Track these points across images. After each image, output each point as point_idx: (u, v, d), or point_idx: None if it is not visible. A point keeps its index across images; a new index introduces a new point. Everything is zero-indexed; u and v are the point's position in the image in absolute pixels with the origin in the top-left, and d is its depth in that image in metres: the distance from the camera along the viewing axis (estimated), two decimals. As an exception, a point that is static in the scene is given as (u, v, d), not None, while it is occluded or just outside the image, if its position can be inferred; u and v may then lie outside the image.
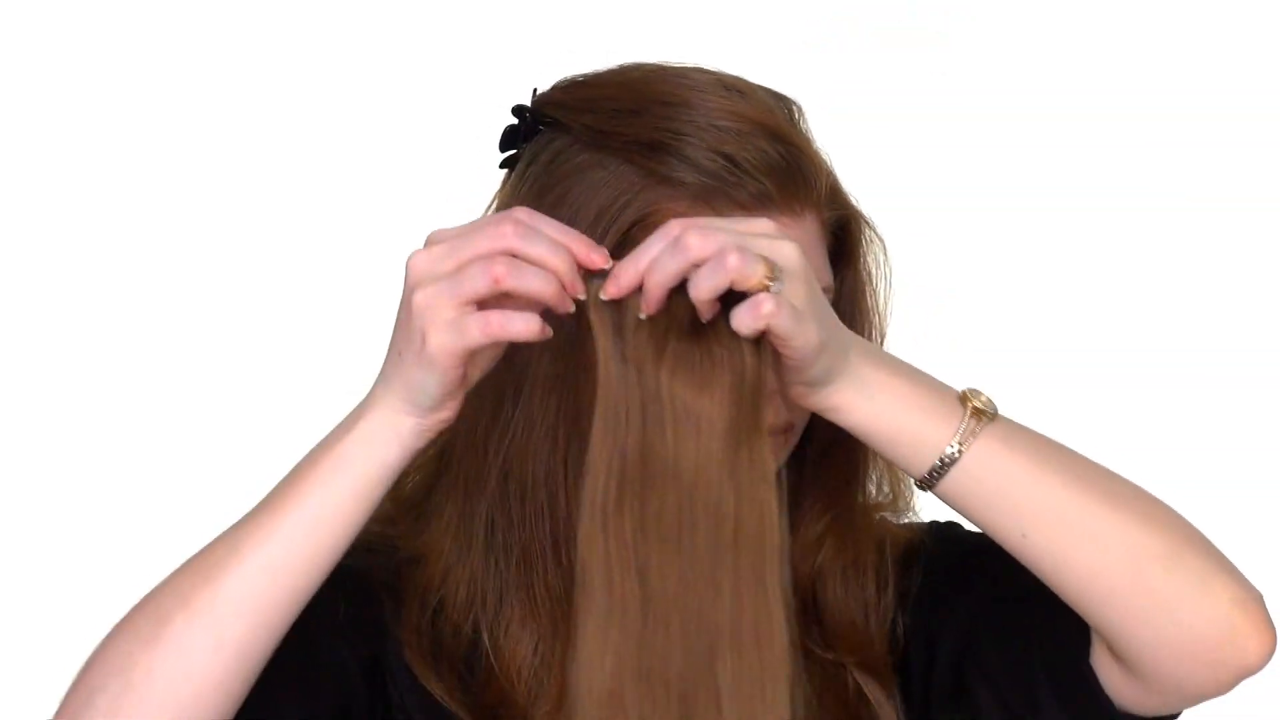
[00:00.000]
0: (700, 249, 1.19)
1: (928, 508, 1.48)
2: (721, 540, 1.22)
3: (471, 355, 1.22)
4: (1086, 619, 1.29)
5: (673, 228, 1.20)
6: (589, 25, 2.58)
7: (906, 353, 1.34)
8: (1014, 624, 1.38)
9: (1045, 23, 2.67)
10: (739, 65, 1.40)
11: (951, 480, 1.27)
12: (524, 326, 1.20)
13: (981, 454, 1.26)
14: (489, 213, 1.37)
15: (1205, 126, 2.64)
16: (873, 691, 1.42)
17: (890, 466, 1.43)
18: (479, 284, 1.19)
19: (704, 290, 1.19)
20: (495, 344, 1.22)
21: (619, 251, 1.24)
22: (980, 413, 1.26)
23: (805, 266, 1.21)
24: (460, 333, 1.20)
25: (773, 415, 1.32)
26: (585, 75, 1.38)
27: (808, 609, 1.42)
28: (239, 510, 1.42)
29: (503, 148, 1.38)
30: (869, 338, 1.40)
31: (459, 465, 1.37)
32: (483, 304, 1.21)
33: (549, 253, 1.21)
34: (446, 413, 1.25)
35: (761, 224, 1.23)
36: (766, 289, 1.19)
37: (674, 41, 2.56)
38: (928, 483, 1.27)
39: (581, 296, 1.22)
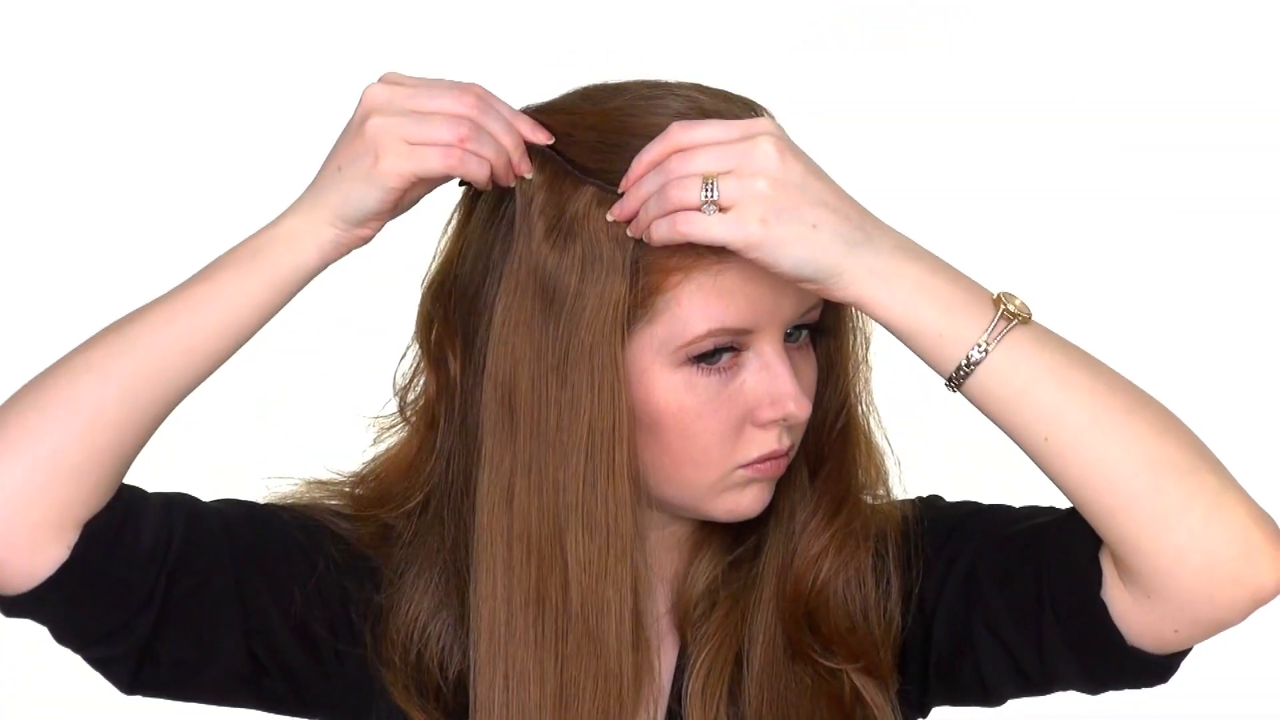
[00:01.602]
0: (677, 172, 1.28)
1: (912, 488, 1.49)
2: (576, 427, 1.32)
3: (417, 181, 1.31)
4: (1102, 532, 1.30)
5: (672, 131, 1.28)
6: (589, 25, 2.59)
7: (905, 351, 1.34)
8: (1016, 567, 1.38)
9: (1045, 24, 2.67)
10: (738, 65, 1.41)
11: (977, 381, 1.29)
12: (479, 170, 1.31)
13: (1008, 356, 1.28)
14: (447, 233, 1.40)
15: (1206, 129, 2.65)
16: (872, 696, 1.42)
17: (872, 451, 1.44)
18: (443, 134, 1.30)
19: (647, 220, 1.29)
20: (431, 180, 1.32)
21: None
22: (1011, 315, 1.29)
23: (776, 164, 1.26)
24: (419, 159, 1.30)
25: (776, 441, 1.35)
26: (551, 101, 1.39)
27: (808, 619, 1.42)
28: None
29: None
30: (853, 350, 1.42)
31: (451, 516, 1.40)
32: None
33: (503, 130, 1.31)
34: (368, 231, 1.33)
35: (749, 125, 1.28)
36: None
37: (674, 42, 2.58)
38: (955, 382, 1.29)
39: (526, 175, 1.32)
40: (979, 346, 1.28)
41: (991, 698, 1.43)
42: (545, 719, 1.35)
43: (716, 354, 1.33)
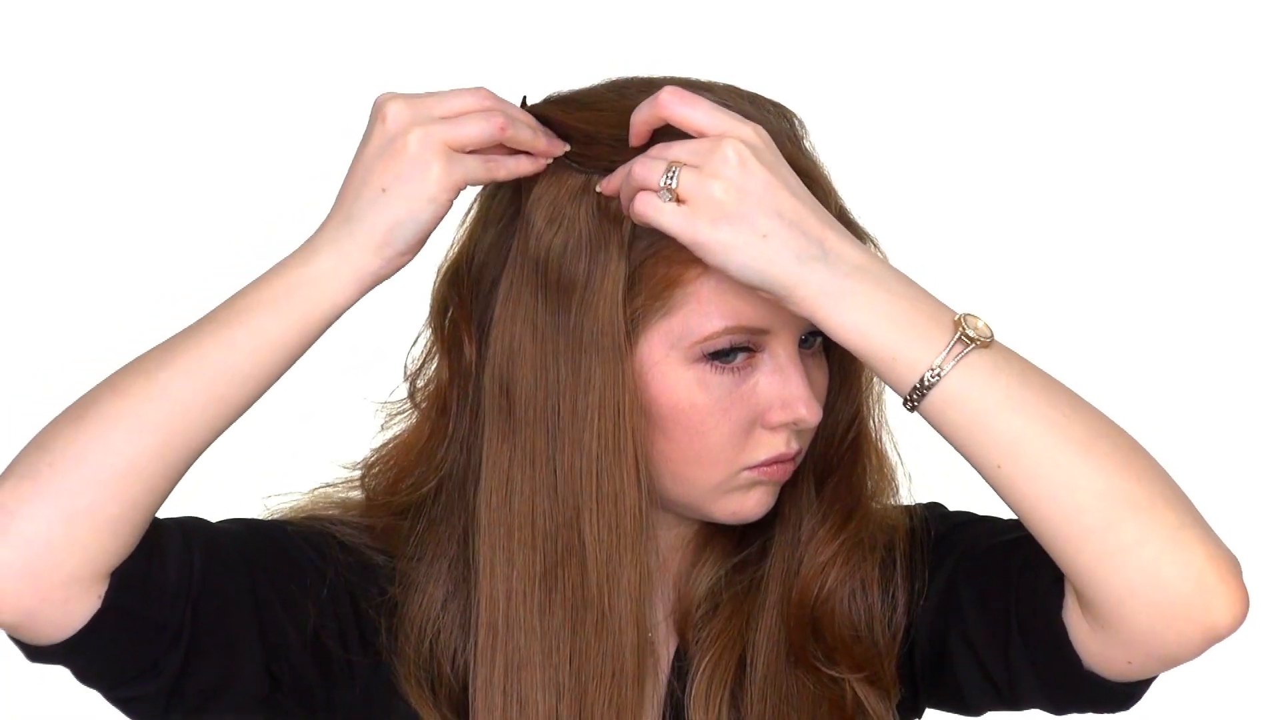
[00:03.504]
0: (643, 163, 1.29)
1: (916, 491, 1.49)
2: (588, 412, 1.31)
3: (458, 193, 1.31)
4: (1057, 561, 1.29)
5: (661, 96, 1.29)
6: (590, 27, 2.59)
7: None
8: (990, 580, 1.38)
9: (1047, 26, 2.67)
10: (738, 66, 1.41)
11: (931, 404, 1.28)
12: (516, 165, 1.32)
13: (963, 379, 1.27)
14: (468, 219, 1.40)
15: (1210, 130, 2.65)
16: (873, 705, 1.43)
17: (883, 464, 1.44)
18: (486, 130, 1.30)
19: (624, 198, 1.30)
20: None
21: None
22: (970, 339, 1.27)
23: (735, 169, 1.26)
24: (464, 169, 1.30)
25: (784, 445, 1.36)
26: (579, 92, 1.39)
27: (813, 627, 1.42)
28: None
29: None
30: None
31: (461, 504, 1.40)
32: None
33: (519, 112, 1.34)
34: (410, 256, 1.31)
35: (729, 124, 1.28)
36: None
37: (671, 43, 2.57)
38: (910, 403, 1.28)
39: (566, 149, 1.33)
40: (933, 370, 1.27)
41: (969, 707, 1.44)
42: (554, 704, 1.35)
43: (732, 353, 1.34)
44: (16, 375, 2.57)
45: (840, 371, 1.41)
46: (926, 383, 1.27)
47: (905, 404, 1.29)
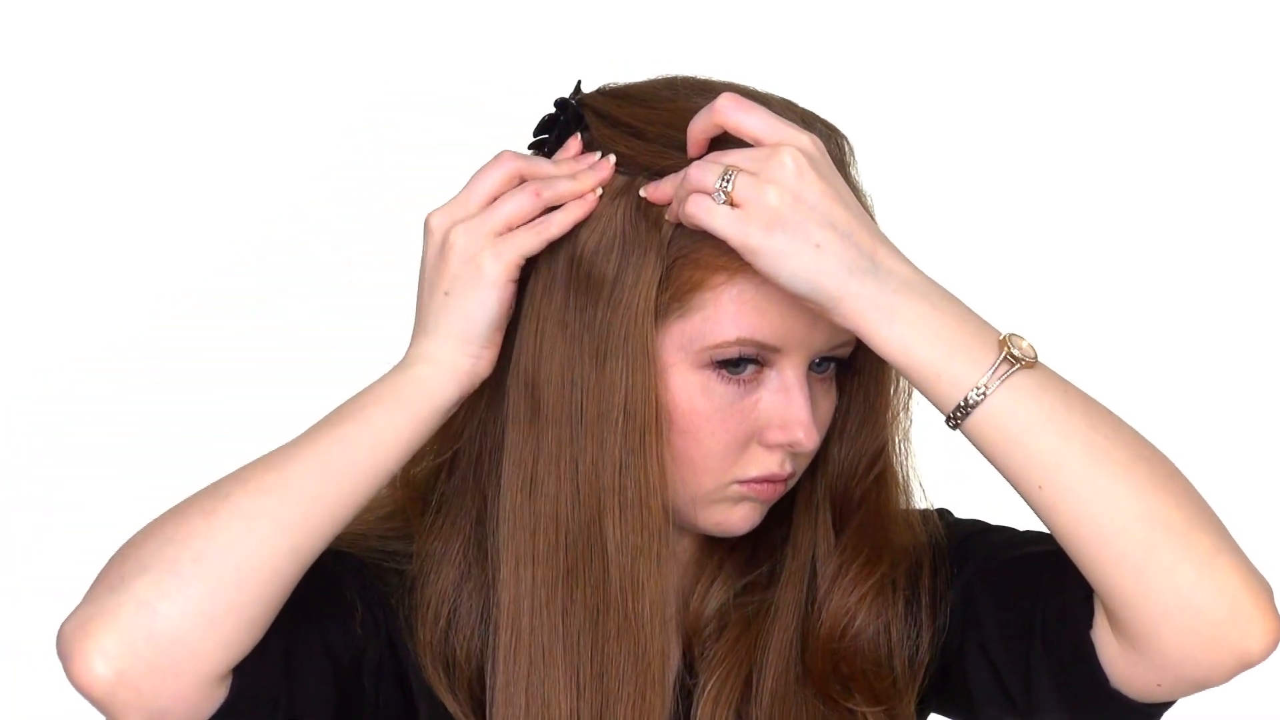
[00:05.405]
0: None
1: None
2: (610, 410, 1.32)
3: (518, 271, 1.33)
4: (1091, 582, 1.29)
5: (718, 103, 1.30)
6: (594, 31, 2.59)
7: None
8: (1013, 591, 1.38)
9: (1048, 25, 2.67)
10: (739, 69, 1.41)
11: (974, 423, 1.27)
12: (565, 218, 1.32)
13: (1007, 400, 1.27)
14: None
15: (1214, 129, 2.65)
16: None
17: (908, 501, 1.44)
18: (522, 205, 1.32)
19: (675, 202, 1.31)
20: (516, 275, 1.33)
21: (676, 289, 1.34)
22: (1015, 359, 1.27)
23: (793, 177, 1.26)
24: (515, 243, 1.32)
25: (777, 465, 1.35)
26: (633, 86, 1.39)
27: (832, 659, 1.42)
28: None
29: (536, 133, 1.41)
30: (894, 396, 1.41)
31: (476, 485, 1.40)
32: None
33: (552, 167, 1.35)
34: (495, 350, 1.34)
35: (787, 133, 1.28)
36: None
37: (674, 46, 2.58)
38: (953, 421, 1.28)
39: (611, 164, 1.33)
40: (978, 389, 1.27)
41: (977, 716, 1.43)
42: (575, 703, 1.35)
43: (740, 364, 1.33)
44: (16, 375, 2.57)
45: (864, 404, 1.41)
46: (970, 401, 1.27)
47: (948, 422, 1.29)
